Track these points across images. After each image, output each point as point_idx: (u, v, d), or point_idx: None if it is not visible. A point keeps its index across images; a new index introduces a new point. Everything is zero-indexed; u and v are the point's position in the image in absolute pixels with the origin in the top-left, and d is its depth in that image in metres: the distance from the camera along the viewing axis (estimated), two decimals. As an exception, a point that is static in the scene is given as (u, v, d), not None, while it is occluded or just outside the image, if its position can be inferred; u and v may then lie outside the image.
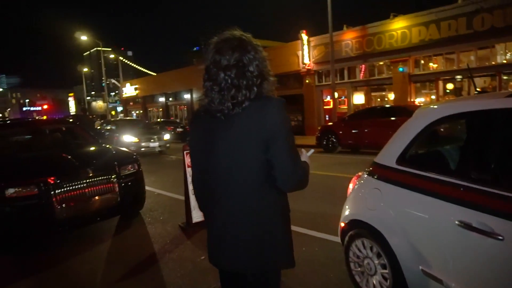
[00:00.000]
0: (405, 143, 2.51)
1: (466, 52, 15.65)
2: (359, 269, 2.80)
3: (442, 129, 2.59)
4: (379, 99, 19.63)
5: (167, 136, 15.11)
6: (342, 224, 2.93)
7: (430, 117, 2.42)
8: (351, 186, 3.02)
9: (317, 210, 5.17)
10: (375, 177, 2.69)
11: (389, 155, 2.62)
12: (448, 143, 2.62)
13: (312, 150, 1.81)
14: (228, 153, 1.43)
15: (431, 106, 2.56)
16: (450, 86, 16.72)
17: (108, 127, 16.18)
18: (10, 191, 4.08)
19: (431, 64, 16.78)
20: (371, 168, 2.80)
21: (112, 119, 22.36)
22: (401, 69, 16.73)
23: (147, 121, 22.35)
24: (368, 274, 2.71)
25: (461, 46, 15.13)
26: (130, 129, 14.54)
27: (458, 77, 16.30)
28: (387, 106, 14.82)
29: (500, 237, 1.75)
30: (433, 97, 17.14)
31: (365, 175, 2.84)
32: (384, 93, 19.17)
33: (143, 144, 13.79)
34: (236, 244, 1.45)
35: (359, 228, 2.74)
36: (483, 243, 1.83)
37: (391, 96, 17.99)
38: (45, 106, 70.41)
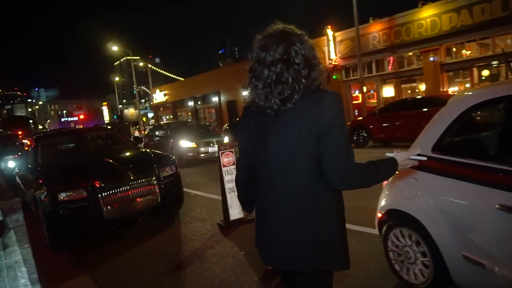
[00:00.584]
0: (441, 131, 2.52)
1: (502, 36, 14.95)
2: (398, 258, 2.83)
3: (477, 116, 2.57)
4: (409, 91, 19.11)
5: (227, 139, 12.91)
6: (379, 215, 2.96)
7: (465, 104, 2.42)
8: (386, 177, 3.04)
9: (353, 204, 5.17)
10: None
11: (424, 144, 2.63)
12: (484, 129, 2.60)
13: (417, 153, 1.59)
14: (280, 151, 1.41)
15: (466, 93, 2.55)
16: (485, 72, 16.01)
17: (158, 133, 14.38)
18: (63, 195, 4.41)
19: (464, 51, 16.15)
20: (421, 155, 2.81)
21: (162, 123, 19.74)
22: (431, 58, 16.22)
23: (201, 123, 18.78)
24: (408, 263, 2.73)
25: (497, 30, 14.47)
26: (184, 133, 12.60)
27: (494, 62, 15.58)
28: (418, 97, 14.43)
29: (543, 219, 1.75)
30: (467, 85, 16.49)
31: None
32: (414, 85, 18.64)
33: (202, 149, 11.77)
34: (287, 243, 1.43)
35: (396, 218, 2.77)
36: (526, 226, 1.83)
37: (422, 87, 17.48)
38: (82, 116, 73.85)
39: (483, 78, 15.97)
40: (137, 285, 3.56)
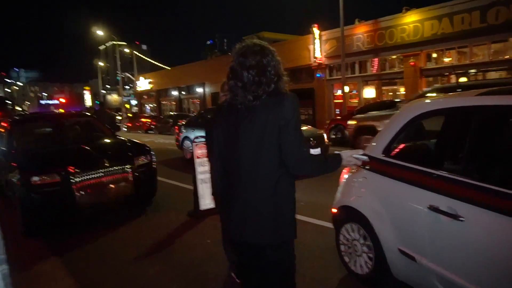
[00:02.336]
0: (391, 136, 2.75)
1: (480, 46, 15.50)
2: (348, 250, 3.07)
3: (425, 123, 2.81)
4: (390, 93, 19.59)
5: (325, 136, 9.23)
6: (334, 210, 3.20)
7: (413, 112, 2.65)
8: (343, 175, 3.27)
9: (314, 200, 5.45)
10: (364, 167, 2.93)
11: (376, 147, 2.86)
12: (428, 136, 2.85)
13: (357, 152, 1.88)
14: (250, 140, 1.68)
15: (415, 102, 2.79)
16: (463, 80, 16.58)
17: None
18: (35, 179, 4.48)
19: (444, 58, 16.66)
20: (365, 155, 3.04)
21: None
22: (412, 63, 16.66)
23: None
24: (356, 255, 2.97)
25: (475, 40, 14.98)
26: None
27: (472, 71, 16.15)
28: (397, 100, 14.86)
29: (462, 219, 2.00)
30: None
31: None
32: (395, 87, 19.12)
33: None
34: (258, 220, 1.69)
35: (348, 214, 3.00)
36: (448, 224, 2.08)
37: (402, 90, 17.96)
38: (62, 100, 72.07)
39: (458, 85, 16.52)
40: (106, 271, 3.69)
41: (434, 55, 16.85)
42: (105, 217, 5.29)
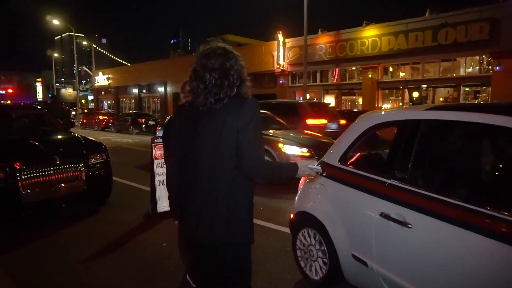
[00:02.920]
0: (347, 144, 2.86)
1: (431, 63, 16.57)
2: (304, 255, 3.13)
3: (379, 134, 2.96)
4: (349, 103, 20.38)
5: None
6: (292, 216, 3.25)
7: (368, 123, 2.78)
8: (301, 181, 3.35)
9: (275, 205, 5.52)
10: (322, 174, 3.02)
11: (333, 155, 2.96)
12: (381, 146, 3.00)
13: (313, 163, 1.89)
14: (208, 140, 1.68)
15: (370, 113, 2.92)
16: (415, 94, 17.63)
17: None
18: (-25, 174, 4.14)
19: (400, 72, 17.61)
20: (319, 166, 3.13)
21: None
22: (370, 76, 17.44)
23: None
24: (311, 260, 3.04)
25: (427, 57, 16.01)
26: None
27: (424, 86, 17.22)
28: (354, 110, 15.46)
29: (409, 226, 2.11)
30: (400, 104, 18.02)
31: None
32: (354, 98, 19.93)
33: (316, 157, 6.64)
34: (211, 220, 1.69)
35: (305, 219, 3.07)
36: (397, 231, 2.19)
37: (360, 100, 18.74)
38: (10, 90, 67.40)
39: (414, 99, 17.57)
40: (51, 271, 3.48)
41: (391, 69, 17.78)
42: (54, 214, 5.00)
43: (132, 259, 3.71)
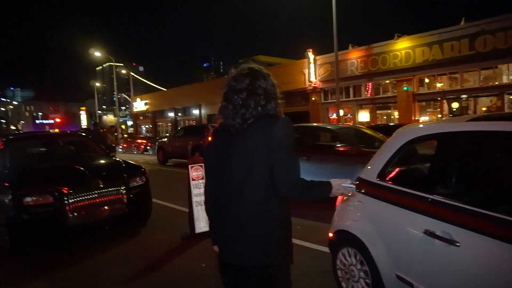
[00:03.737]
0: (385, 160, 2.78)
1: (470, 72, 15.91)
2: (345, 276, 3.03)
3: (418, 148, 2.86)
4: (384, 117, 19.89)
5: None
6: (331, 234, 3.18)
7: (406, 137, 2.70)
8: (339, 199, 3.28)
9: (313, 224, 5.41)
10: (360, 190, 2.95)
11: (371, 171, 2.89)
12: (421, 161, 2.89)
13: (349, 182, 1.86)
14: (240, 162, 1.69)
15: (408, 127, 2.84)
16: (455, 105, 16.91)
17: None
18: (28, 199, 4.42)
19: (437, 83, 17.02)
20: (357, 183, 3.06)
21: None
22: (405, 88, 17.01)
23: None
24: (352, 281, 2.94)
25: (464, 67, 15.41)
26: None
27: (464, 96, 16.51)
28: (390, 124, 15.05)
29: (457, 244, 2.00)
30: (439, 115, 17.35)
31: (351, 189, 3.10)
32: (389, 111, 19.44)
33: None
34: (245, 241, 1.69)
35: (345, 238, 2.98)
36: (444, 249, 2.07)
37: (396, 114, 18.24)
38: (58, 119, 72.07)
39: (454, 110, 16.85)
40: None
41: (426, 80, 17.24)
42: (95, 236, 5.20)
43: (169, 279, 3.76)
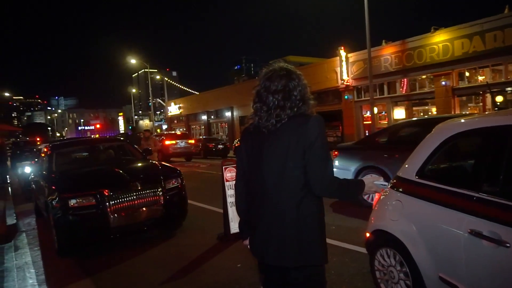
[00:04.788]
0: (424, 157, 2.67)
1: (515, 63, 14.95)
2: (384, 277, 2.94)
3: (459, 144, 2.72)
4: (421, 114, 19.13)
5: None
6: (368, 234, 3.09)
7: (447, 133, 2.58)
8: (376, 197, 3.19)
9: (349, 224, 5.29)
10: (398, 189, 2.85)
11: (410, 169, 2.78)
12: (464, 157, 2.74)
13: (379, 179, 1.92)
14: (274, 161, 1.70)
15: (449, 122, 2.71)
16: (499, 98, 15.94)
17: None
18: (73, 201, 4.66)
19: (478, 76, 16.15)
20: (394, 181, 2.97)
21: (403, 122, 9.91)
22: (443, 83, 16.27)
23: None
24: (392, 282, 2.84)
25: (509, 58, 14.49)
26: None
27: (509, 89, 15.54)
28: (426, 117, 14.44)
29: (507, 245, 1.88)
30: (481, 110, 16.44)
31: (389, 188, 3.01)
32: (426, 108, 18.67)
33: None
34: (280, 241, 1.68)
35: (383, 238, 2.89)
36: (492, 250, 1.96)
37: (434, 110, 17.49)
38: (98, 125, 75.54)
39: (498, 103, 15.88)
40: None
41: (467, 73, 16.39)
42: (134, 237, 5.39)
43: (206, 281, 3.81)
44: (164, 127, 53.45)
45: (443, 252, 2.33)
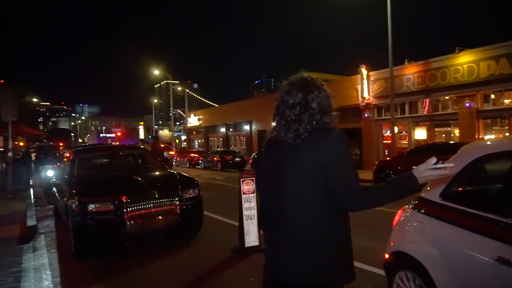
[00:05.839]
0: (449, 179, 2.58)
1: (543, 87, 14.53)
2: (402, 301, 2.83)
3: (486, 167, 2.63)
4: (443, 135, 18.71)
5: None
6: (387, 256, 3.00)
7: (473, 155, 2.50)
8: (396, 218, 3.10)
9: (366, 244, 5.16)
10: (420, 211, 2.77)
11: (433, 190, 2.70)
12: (491, 181, 2.64)
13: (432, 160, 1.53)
14: (291, 178, 1.65)
15: (476, 144, 2.64)
16: (526, 123, 15.45)
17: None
18: (91, 206, 4.74)
19: (504, 99, 15.74)
20: (416, 202, 2.89)
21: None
22: (467, 104, 15.91)
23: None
24: (411, 307, 2.73)
25: (537, 81, 14.10)
26: None
27: (535, 113, 15.06)
28: (450, 142, 14.12)
29: (537, 274, 1.79)
30: (507, 134, 15.97)
31: (410, 209, 2.93)
32: (449, 129, 18.27)
33: None
34: (296, 259, 1.62)
35: (402, 260, 2.80)
36: (521, 279, 1.86)
37: (457, 132, 17.08)
38: (119, 133, 77.15)
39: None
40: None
41: (492, 96, 16.00)
42: (148, 245, 5.40)
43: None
44: (183, 137, 54.14)
45: (466, 278, 2.23)
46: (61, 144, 24.97)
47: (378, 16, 15.78)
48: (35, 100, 74.06)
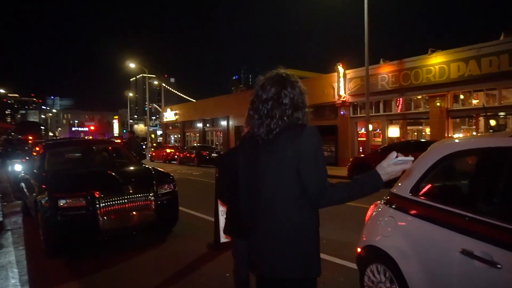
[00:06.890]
0: (419, 175, 2.68)
1: (510, 88, 15.23)
2: (373, 294, 2.92)
3: (454, 164, 2.74)
4: (415, 133, 19.31)
5: None
6: (359, 250, 3.08)
7: (442, 152, 2.60)
8: (369, 213, 3.19)
9: (340, 238, 5.27)
10: (391, 206, 2.86)
11: (403, 186, 2.79)
12: (459, 177, 2.76)
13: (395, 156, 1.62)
14: (269, 172, 1.66)
15: (444, 142, 2.74)
16: (492, 122, 16.16)
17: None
18: (62, 201, 4.59)
19: (472, 100, 16.40)
20: (388, 197, 2.97)
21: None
22: (438, 104, 16.47)
23: None
24: (381, 299, 2.82)
25: (504, 83, 14.75)
26: None
27: (502, 113, 15.79)
28: (422, 140, 14.59)
29: (498, 266, 1.88)
30: (474, 133, 16.64)
31: (382, 204, 3.01)
32: (421, 127, 18.86)
33: None
34: (274, 253, 1.65)
35: (373, 254, 2.88)
36: (483, 271, 1.96)
37: (428, 130, 17.67)
38: (92, 127, 75.06)
39: (490, 127, 16.10)
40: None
41: (462, 96, 16.64)
42: (125, 242, 5.30)
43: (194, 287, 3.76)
44: (159, 132, 53.30)
45: (434, 270, 2.32)
46: (30, 137, 24.01)
47: (356, 16, 16.04)
48: (2, 91, 70.86)
